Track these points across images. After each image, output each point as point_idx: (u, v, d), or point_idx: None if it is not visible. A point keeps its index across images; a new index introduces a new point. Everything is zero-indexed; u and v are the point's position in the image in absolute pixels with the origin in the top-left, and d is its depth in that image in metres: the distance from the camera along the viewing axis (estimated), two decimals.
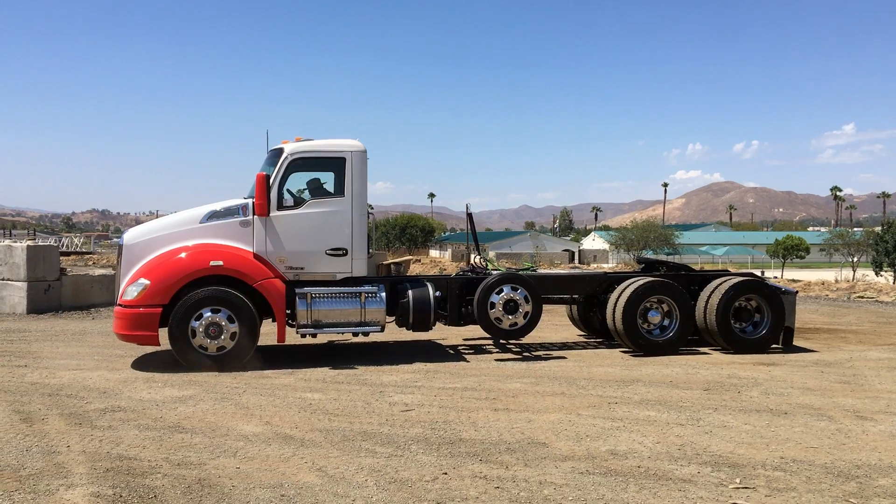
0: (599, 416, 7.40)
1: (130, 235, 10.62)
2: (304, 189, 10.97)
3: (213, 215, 10.48)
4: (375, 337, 12.10)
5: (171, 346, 9.91)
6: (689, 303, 11.56)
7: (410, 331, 11.18)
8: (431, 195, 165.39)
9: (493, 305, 11.01)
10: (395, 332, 12.20)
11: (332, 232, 10.59)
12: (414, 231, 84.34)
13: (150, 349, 11.56)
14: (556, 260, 63.86)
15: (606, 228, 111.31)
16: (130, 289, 9.93)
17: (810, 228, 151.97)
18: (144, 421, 7.20)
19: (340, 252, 10.61)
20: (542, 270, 13.57)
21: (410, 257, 24.60)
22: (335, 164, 10.77)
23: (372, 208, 11.40)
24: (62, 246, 54.62)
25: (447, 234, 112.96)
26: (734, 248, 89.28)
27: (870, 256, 55.57)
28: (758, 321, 11.71)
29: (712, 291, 11.59)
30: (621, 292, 11.48)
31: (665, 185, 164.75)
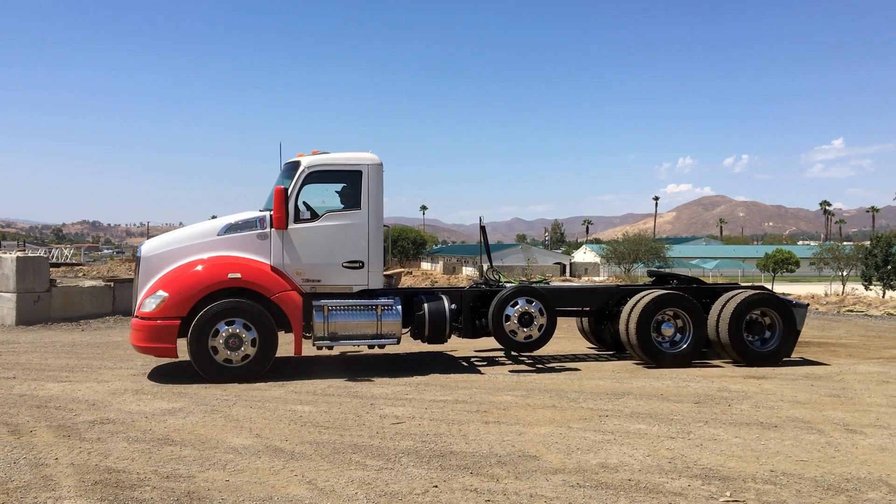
0: (590, 429, 7.40)
1: (148, 247, 10.58)
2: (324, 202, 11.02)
3: (231, 228, 10.49)
4: (389, 349, 12.12)
5: (190, 357, 9.90)
6: (702, 315, 11.57)
7: (426, 343, 11.22)
8: (423, 207, 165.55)
9: (508, 318, 11.05)
10: (405, 345, 12.17)
11: (349, 245, 10.63)
12: (406, 243, 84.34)
13: (139, 361, 11.51)
14: (548, 273, 63.86)
15: (598, 241, 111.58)
16: (148, 301, 9.90)
17: (800, 242, 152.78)
18: (133, 433, 7.16)
19: (357, 265, 10.64)
20: (554, 283, 13.59)
21: (402, 269, 24.58)
22: (351, 177, 10.80)
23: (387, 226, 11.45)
24: (52, 257, 54.33)
25: (439, 246, 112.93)
26: (724, 261, 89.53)
27: (859, 270, 55.86)
28: (769, 334, 11.72)
29: (724, 304, 11.58)
30: (634, 305, 11.46)
31: (656, 198, 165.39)
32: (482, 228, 13.47)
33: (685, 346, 11.48)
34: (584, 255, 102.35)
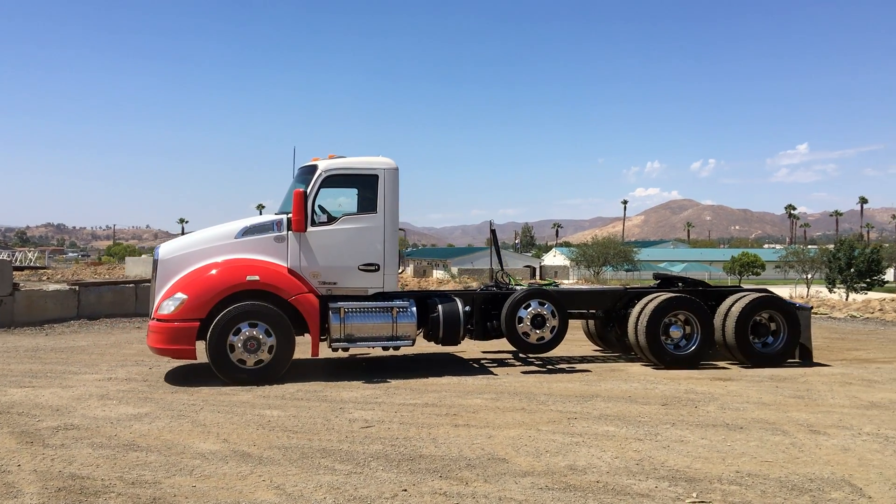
0: (559, 432, 7.44)
1: (165, 250, 10.59)
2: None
3: (248, 231, 10.58)
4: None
5: (208, 359, 9.92)
6: (709, 318, 11.73)
7: (439, 344, 11.36)
8: None
9: (520, 320, 11.21)
10: (416, 346, 12.18)
11: (365, 248, 10.74)
12: None
13: (104, 365, 11.37)
14: (518, 276, 64.11)
15: (567, 245, 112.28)
16: (167, 303, 9.94)
17: (766, 246, 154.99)
18: (98, 439, 7.06)
19: (372, 268, 10.76)
20: (563, 286, 13.70)
21: None
22: (368, 181, 10.91)
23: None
24: (15, 260, 53.37)
25: (409, 249, 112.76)
26: (692, 264, 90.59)
27: (823, 273, 56.84)
28: (774, 336, 11.94)
29: (730, 307, 11.76)
30: (643, 307, 11.59)
31: (625, 202, 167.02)
32: (492, 232, 13.67)
33: (693, 347, 11.61)
34: (553, 259, 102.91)
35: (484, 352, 13.18)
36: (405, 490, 5.63)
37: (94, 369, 11.15)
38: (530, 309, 11.24)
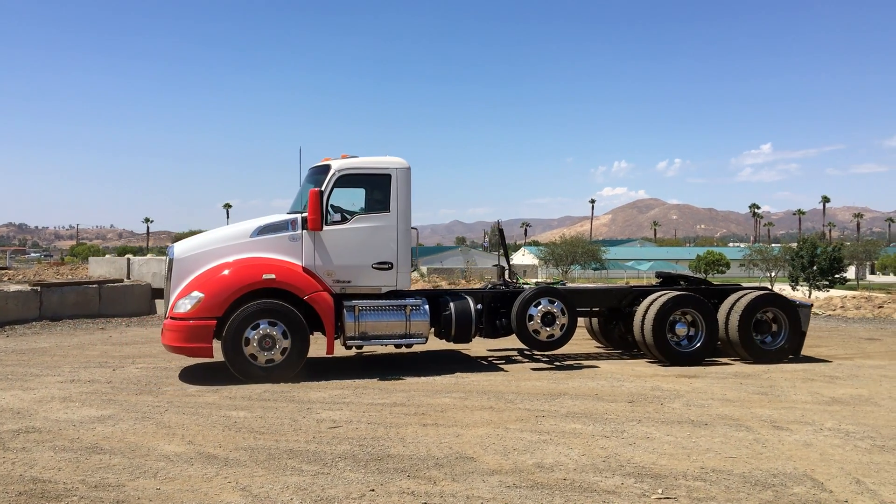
0: (527, 430, 7.47)
1: (181, 249, 10.67)
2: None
3: (263, 230, 10.69)
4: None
5: (224, 357, 10.02)
6: (714, 315, 11.96)
7: (451, 342, 11.57)
8: None
9: (531, 318, 11.37)
10: (429, 344, 12.23)
11: (379, 246, 10.88)
12: None
13: (66, 367, 11.19)
14: (487, 275, 64.20)
15: (536, 244, 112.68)
16: (183, 302, 10.01)
17: (731, 244, 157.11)
18: (60, 442, 6.94)
19: (386, 266, 10.89)
20: (570, 285, 14.01)
21: None
22: (381, 180, 11.05)
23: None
24: None
25: None
26: (658, 262, 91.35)
27: (787, 271, 57.69)
28: (775, 332, 12.24)
29: (733, 304, 12.04)
30: (649, 305, 11.83)
31: (592, 201, 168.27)
32: (500, 231, 13.97)
33: (698, 344, 11.84)
34: (522, 258, 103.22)
35: (490, 350, 13.36)
36: (373, 490, 5.62)
37: (57, 371, 10.97)
38: (540, 307, 11.42)
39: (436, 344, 12.47)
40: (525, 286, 12.25)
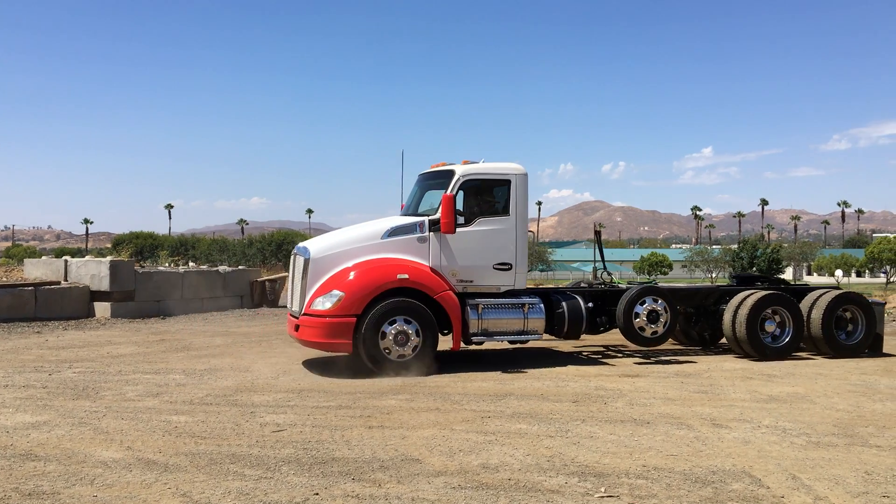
0: (473, 431, 7.48)
1: (316, 249, 11.19)
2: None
3: (394, 232, 11.28)
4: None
5: (363, 352, 10.57)
6: (800, 313, 12.58)
7: (562, 339, 12.45)
8: (309, 211, 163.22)
9: (636, 315, 12.00)
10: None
11: (500, 248, 11.51)
12: (290, 247, 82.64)
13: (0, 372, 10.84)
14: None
15: None
16: (321, 300, 10.62)
17: (673, 246, 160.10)
18: None
19: (506, 267, 11.53)
20: (663, 284, 14.44)
21: (286, 274, 24.12)
22: (501, 185, 11.71)
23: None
24: None
25: None
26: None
27: (727, 272, 59.04)
28: (852, 329, 12.95)
29: (814, 302, 12.76)
30: (740, 304, 12.44)
31: (539, 203, 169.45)
32: (597, 233, 15.33)
33: (787, 339, 12.51)
34: None
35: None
36: (316, 494, 5.56)
37: None
38: (646, 305, 12.02)
39: None
40: (620, 285, 12.98)
